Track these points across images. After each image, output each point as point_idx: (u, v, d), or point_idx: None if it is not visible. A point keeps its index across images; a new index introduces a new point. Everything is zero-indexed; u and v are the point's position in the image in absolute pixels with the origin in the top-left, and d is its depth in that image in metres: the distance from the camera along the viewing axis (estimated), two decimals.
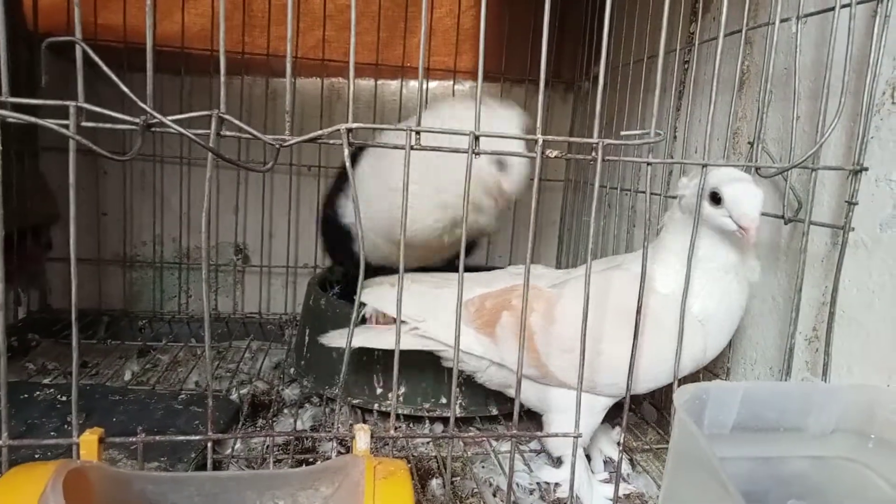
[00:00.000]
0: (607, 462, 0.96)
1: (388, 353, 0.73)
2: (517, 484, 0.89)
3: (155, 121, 0.58)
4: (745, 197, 0.76)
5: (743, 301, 0.86)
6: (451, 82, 1.62)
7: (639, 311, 0.72)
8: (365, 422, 1.08)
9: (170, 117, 0.58)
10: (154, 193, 1.54)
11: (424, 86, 0.69)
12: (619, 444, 0.78)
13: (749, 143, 0.99)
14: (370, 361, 1.07)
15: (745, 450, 0.72)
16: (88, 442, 0.59)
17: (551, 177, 1.74)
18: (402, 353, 1.03)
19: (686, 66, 1.21)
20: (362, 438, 0.62)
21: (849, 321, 0.80)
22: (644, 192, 0.72)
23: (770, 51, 0.81)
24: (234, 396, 1.09)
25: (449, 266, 1.16)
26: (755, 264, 0.85)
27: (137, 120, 0.57)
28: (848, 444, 0.72)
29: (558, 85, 1.71)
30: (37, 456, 0.80)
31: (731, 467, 0.71)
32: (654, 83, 0.69)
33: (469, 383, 1.06)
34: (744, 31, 0.88)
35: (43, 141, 1.46)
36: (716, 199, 0.78)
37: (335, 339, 1.01)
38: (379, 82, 1.60)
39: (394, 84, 1.61)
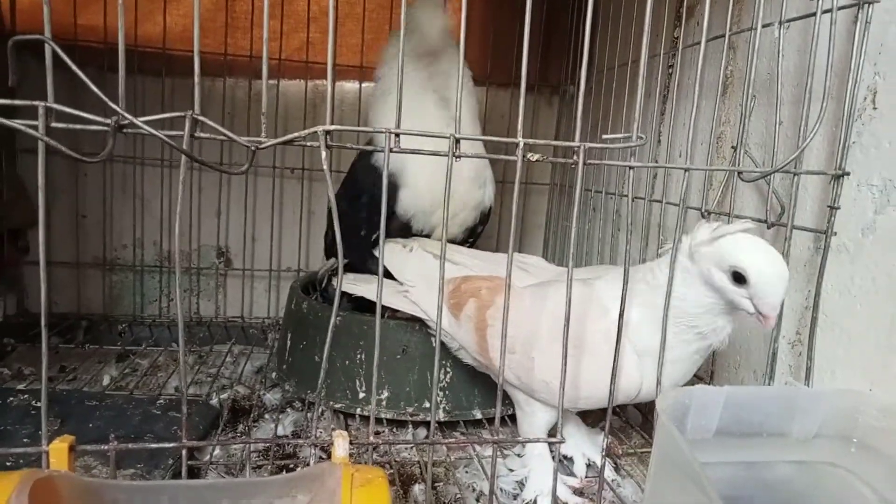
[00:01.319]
0: (590, 465, 0.95)
1: (372, 357, 0.73)
2: (500, 489, 0.88)
3: (126, 122, 0.56)
4: (774, 285, 0.68)
5: (699, 360, 0.80)
6: None
7: (566, 326, 0.69)
8: (347, 426, 1.07)
9: (141, 118, 0.56)
10: (134, 196, 1.51)
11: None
12: (602, 448, 0.77)
13: (733, 147, 0.99)
14: (353, 365, 1.06)
15: (729, 455, 0.72)
16: (58, 450, 0.57)
17: (537, 180, 1.74)
18: (386, 355, 1.04)
19: (670, 70, 1.21)
20: (340, 445, 0.61)
21: (832, 325, 0.80)
22: (633, 198, 0.71)
23: (753, 55, 0.81)
24: (214, 401, 1.07)
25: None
26: (729, 330, 0.77)
27: (108, 121, 0.56)
28: (831, 449, 0.72)
29: (544, 89, 1.71)
30: (8, 464, 0.78)
31: (714, 472, 0.70)
32: (638, 87, 0.68)
33: (453, 387, 1.05)
34: (727, 36, 0.88)
35: (21, 143, 1.43)
36: (738, 277, 0.69)
37: (348, 284, 1.08)
38: (364, 85, 1.59)
39: None
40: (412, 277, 1.02)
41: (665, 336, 0.74)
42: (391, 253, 1.07)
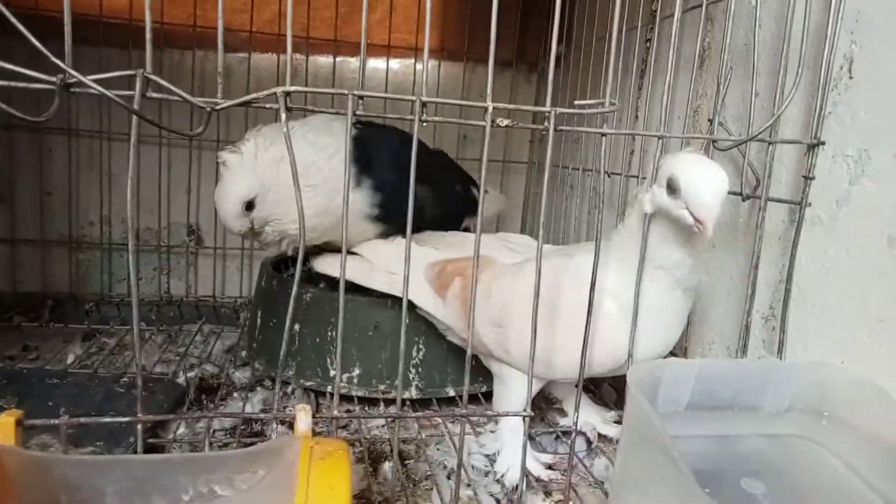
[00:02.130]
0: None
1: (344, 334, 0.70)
2: (472, 466, 0.87)
3: (74, 80, 0.53)
4: (705, 184, 0.66)
5: (680, 307, 0.79)
6: (413, 60, 1.59)
7: (536, 297, 0.68)
8: (318, 405, 1.05)
9: (90, 77, 0.53)
10: (101, 172, 1.47)
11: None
12: (573, 423, 0.76)
13: (709, 120, 0.97)
14: (323, 342, 1.04)
15: (700, 428, 0.71)
16: (4, 425, 0.55)
17: (515, 159, 1.72)
18: (357, 332, 1.02)
19: (648, 44, 1.19)
20: (303, 420, 0.60)
21: (805, 299, 0.80)
22: (608, 174, 0.70)
23: (728, 23, 0.79)
24: (180, 379, 1.05)
25: None
26: (701, 267, 0.77)
27: (54, 79, 0.53)
28: (802, 423, 0.71)
29: (522, 65, 1.69)
30: None
31: (685, 445, 0.70)
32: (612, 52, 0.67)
33: (425, 364, 1.04)
34: (704, 6, 0.86)
35: None
36: (672, 187, 0.69)
37: (326, 266, 1.06)
38: (338, 59, 1.55)
39: (353, 61, 1.57)
40: (389, 265, 1.00)
41: (639, 283, 0.74)
42: (332, 262, 1.05)
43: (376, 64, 1.58)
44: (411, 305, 0.96)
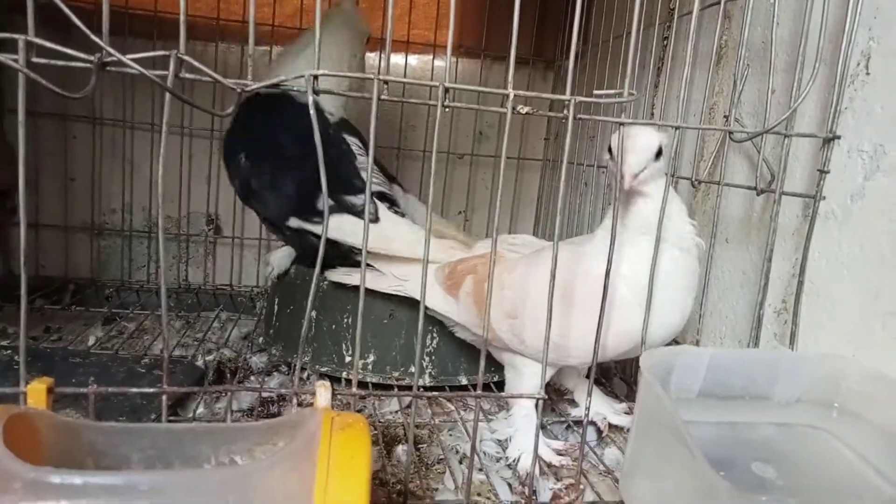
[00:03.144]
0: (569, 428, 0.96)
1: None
2: (484, 452, 0.88)
3: (111, 59, 0.55)
4: (627, 146, 0.72)
5: (686, 267, 0.80)
6: (431, 56, 1.61)
7: (551, 283, 0.68)
8: (333, 390, 1.07)
9: (128, 55, 0.55)
10: (124, 160, 1.50)
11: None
12: (586, 410, 0.77)
13: (725, 116, 0.98)
14: (339, 329, 1.06)
15: (711, 415, 0.72)
16: (36, 391, 0.57)
17: (530, 156, 1.73)
18: (373, 320, 1.03)
19: (665, 42, 1.20)
20: (323, 395, 0.61)
21: (817, 292, 0.80)
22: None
23: (746, 20, 0.80)
24: (199, 363, 1.07)
25: None
26: (688, 229, 0.80)
27: (92, 57, 0.55)
28: (813, 413, 0.72)
29: (539, 63, 1.70)
30: None
31: (696, 431, 0.70)
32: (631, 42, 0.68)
33: (439, 352, 1.05)
34: (722, 3, 0.87)
35: (9, 103, 1.41)
36: (610, 152, 0.77)
37: (339, 276, 1.05)
38: None
39: (372, 56, 1.59)
40: (402, 272, 1.00)
41: (657, 257, 0.75)
42: (348, 270, 1.06)
43: (395, 59, 1.60)
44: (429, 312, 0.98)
